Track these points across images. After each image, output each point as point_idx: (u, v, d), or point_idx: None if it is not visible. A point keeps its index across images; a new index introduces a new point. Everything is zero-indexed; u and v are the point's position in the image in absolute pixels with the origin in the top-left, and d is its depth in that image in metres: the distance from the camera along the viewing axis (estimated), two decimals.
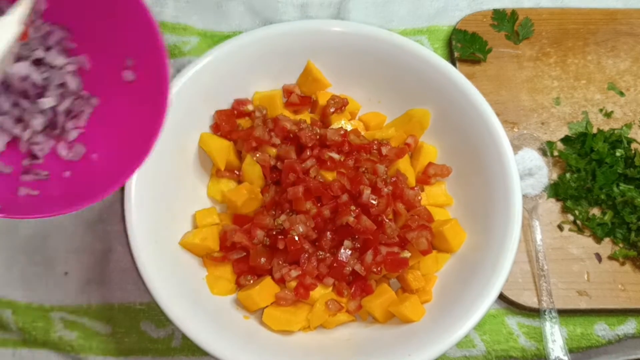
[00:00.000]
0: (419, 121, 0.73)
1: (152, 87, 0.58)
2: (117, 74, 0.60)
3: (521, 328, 0.71)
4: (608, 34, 0.86)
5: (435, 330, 0.60)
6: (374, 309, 0.64)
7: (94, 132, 0.61)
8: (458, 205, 0.71)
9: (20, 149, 0.58)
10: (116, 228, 0.74)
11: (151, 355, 0.69)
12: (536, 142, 0.78)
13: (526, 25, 0.85)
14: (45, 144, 0.59)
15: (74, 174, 0.60)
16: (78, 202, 0.54)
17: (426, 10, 0.89)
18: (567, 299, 0.71)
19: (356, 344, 0.63)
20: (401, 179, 0.68)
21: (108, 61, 0.60)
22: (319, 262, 0.64)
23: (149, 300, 0.70)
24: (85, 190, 0.57)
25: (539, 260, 0.71)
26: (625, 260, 0.73)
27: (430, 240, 0.65)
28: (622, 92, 0.83)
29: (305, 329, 0.65)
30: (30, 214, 0.54)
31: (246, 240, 0.65)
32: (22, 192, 0.57)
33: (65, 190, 0.58)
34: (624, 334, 0.71)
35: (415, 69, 0.72)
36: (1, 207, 0.52)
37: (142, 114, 0.58)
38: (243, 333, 0.62)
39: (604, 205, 0.76)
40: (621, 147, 0.77)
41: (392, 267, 0.64)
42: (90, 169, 0.60)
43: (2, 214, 0.52)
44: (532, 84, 0.83)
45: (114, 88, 0.60)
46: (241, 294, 0.65)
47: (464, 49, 0.83)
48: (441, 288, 0.66)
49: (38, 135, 0.59)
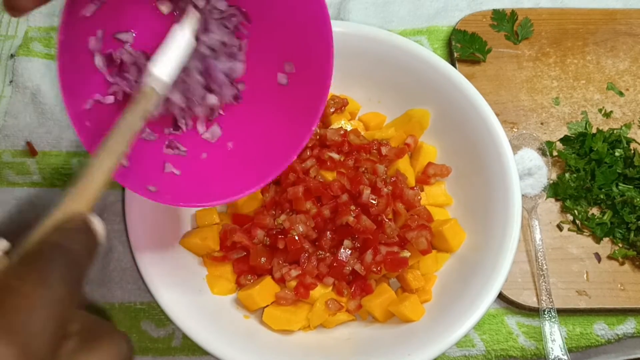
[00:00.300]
0: (419, 121, 0.73)
1: (309, 92, 0.57)
2: (275, 69, 0.60)
3: (520, 327, 0.71)
4: (607, 34, 0.87)
5: (435, 329, 0.60)
6: (373, 308, 0.64)
7: (232, 120, 0.61)
8: (458, 205, 0.71)
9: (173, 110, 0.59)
10: (116, 227, 0.74)
11: (152, 355, 0.69)
12: (535, 142, 0.78)
13: (526, 26, 0.85)
14: (188, 118, 0.60)
15: (209, 158, 0.60)
16: (210, 198, 0.55)
17: (426, 10, 0.89)
18: (567, 298, 0.71)
19: (356, 343, 0.63)
20: (401, 179, 0.68)
21: (271, 49, 0.59)
22: (319, 262, 0.64)
23: (149, 299, 0.71)
24: (219, 184, 0.57)
25: (538, 260, 0.71)
26: (625, 260, 0.73)
27: (429, 240, 0.65)
28: (622, 92, 0.83)
29: (305, 329, 0.65)
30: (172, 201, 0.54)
31: (246, 240, 0.65)
32: (168, 168, 0.57)
33: (199, 178, 0.58)
34: (624, 334, 0.71)
35: (415, 69, 0.72)
36: (157, 189, 0.54)
37: (293, 117, 0.58)
38: (243, 332, 0.62)
39: (603, 205, 0.76)
40: (620, 147, 0.77)
41: (391, 266, 0.64)
42: (224, 157, 0.60)
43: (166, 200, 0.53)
44: (532, 84, 0.83)
45: (267, 82, 0.60)
46: (241, 293, 0.65)
47: (464, 49, 0.83)
48: (441, 288, 0.66)
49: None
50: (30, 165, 0.77)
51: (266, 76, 0.60)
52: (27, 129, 0.79)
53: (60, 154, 0.78)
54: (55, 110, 0.80)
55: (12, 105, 0.80)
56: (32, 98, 0.80)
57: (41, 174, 0.77)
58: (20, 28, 0.86)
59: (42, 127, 0.79)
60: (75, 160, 0.77)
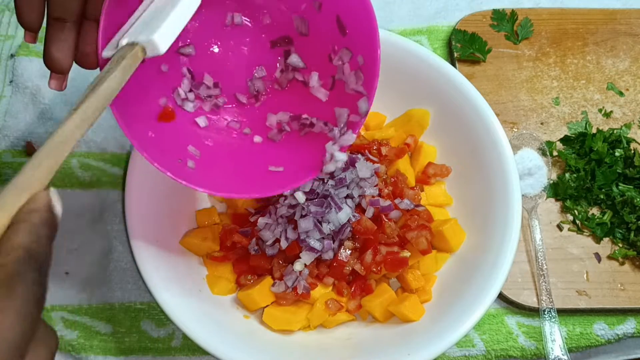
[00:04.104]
0: (419, 121, 0.73)
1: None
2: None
3: (520, 327, 0.71)
4: (607, 34, 0.87)
5: (435, 329, 0.60)
6: (373, 308, 0.64)
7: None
8: (457, 205, 0.71)
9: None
10: (117, 228, 0.74)
11: (152, 355, 0.69)
12: (535, 142, 0.78)
13: (526, 26, 0.85)
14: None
15: (233, 147, 0.62)
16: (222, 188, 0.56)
17: (426, 10, 0.89)
18: (567, 298, 0.71)
19: (356, 343, 0.63)
20: (401, 179, 0.68)
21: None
22: (319, 262, 0.64)
23: (150, 299, 0.71)
24: (232, 177, 0.59)
25: (538, 260, 0.71)
26: (625, 260, 0.73)
27: (429, 240, 0.65)
28: (622, 92, 0.83)
29: (305, 329, 0.65)
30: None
31: (246, 240, 0.65)
32: (190, 150, 0.58)
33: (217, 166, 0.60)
34: (624, 334, 0.71)
35: (415, 69, 0.72)
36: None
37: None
38: (243, 332, 0.62)
39: (603, 205, 0.76)
40: (620, 146, 0.77)
41: (391, 266, 0.64)
42: (249, 150, 0.62)
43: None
44: (532, 84, 0.83)
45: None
46: (241, 293, 0.65)
47: (464, 49, 0.83)
48: (441, 288, 0.66)
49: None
50: None
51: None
52: (27, 129, 0.79)
53: None
54: (55, 110, 0.80)
55: (12, 105, 0.80)
56: (32, 98, 0.80)
57: None
58: (20, 28, 0.86)
59: (42, 127, 0.79)
60: (75, 160, 0.77)
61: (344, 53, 0.59)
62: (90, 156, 0.78)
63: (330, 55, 0.60)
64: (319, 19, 0.59)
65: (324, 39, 0.60)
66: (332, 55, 0.60)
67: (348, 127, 0.58)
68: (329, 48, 0.60)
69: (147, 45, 0.46)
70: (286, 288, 0.63)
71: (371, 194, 0.65)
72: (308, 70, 0.62)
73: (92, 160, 0.78)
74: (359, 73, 0.58)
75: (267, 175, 0.59)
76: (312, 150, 0.60)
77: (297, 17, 0.59)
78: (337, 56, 0.59)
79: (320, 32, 0.60)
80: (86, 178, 0.76)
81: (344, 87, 0.60)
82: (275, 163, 0.60)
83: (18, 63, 0.82)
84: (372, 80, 0.57)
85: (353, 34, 0.58)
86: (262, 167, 0.60)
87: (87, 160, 0.78)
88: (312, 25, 0.60)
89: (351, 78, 0.59)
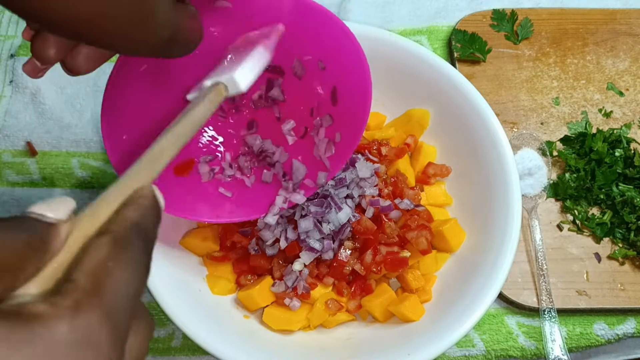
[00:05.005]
0: (419, 121, 0.73)
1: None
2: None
3: (520, 327, 0.71)
4: (607, 34, 0.87)
5: (435, 329, 0.60)
6: (373, 308, 0.64)
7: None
8: (458, 205, 0.71)
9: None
10: None
11: (151, 355, 0.69)
12: (535, 142, 0.78)
13: (526, 26, 0.85)
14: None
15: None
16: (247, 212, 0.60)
17: (426, 10, 0.89)
18: (567, 298, 0.71)
19: (356, 343, 0.63)
20: (401, 179, 0.68)
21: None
22: (318, 262, 0.64)
23: (149, 299, 0.71)
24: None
25: (538, 260, 0.71)
26: (625, 260, 0.73)
27: (429, 240, 0.65)
28: (622, 92, 0.83)
29: (305, 329, 0.65)
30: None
31: (246, 240, 0.65)
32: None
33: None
34: (624, 334, 0.71)
35: (415, 69, 0.72)
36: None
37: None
38: (243, 332, 0.62)
39: (603, 205, 0.76)
40: (620, 146, 0.77)
41: (391, 266, 0.64)
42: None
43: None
44: (532, 84, 0.83)
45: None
46: (241, 293, 0.65)
47: (464, 49, 0.83)
48: (441, 288, 0.66)
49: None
50: (30, 165, 0.77)
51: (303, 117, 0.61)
52: (27, 129, 0.79)
53: (60, 154, 0.78)
54: (55, 110, 0.80)
55: (12, 105, 0.80)
56: (32, 98, 0.80)
57: (41, 174, 0.77)
58: (20, 28, 0.86)
59: (42, 127, 0.79)
60: (75, 160, 0.77)
61: (326, 119, 0.58)
62: (90, 156, 0.78)
63: (313, 110, 0.59)
64: (317, 76, 0.58)
65: (313, 94, 0.59)
66: (314, 111, 0.59)
67: (300, 188, 0.59)
68: (314, 103, 0.59)
69: (229, 83, 0.48)
70: (286, 288, 0.63)
71: (371, 194, 0.65)
72: (286, 109, 0.61)
73: (92, 160, 0.78)
74: (331, 144, 0.58)
75: (218, 199, 0.61)
76: (266, 191, 0.61)
77: (298, 61, 0.59)
78: (319, 117, 0.59)
79: (313, 86, 0.59)
80: (86, 178, 0.76)
81: (313, 147, 0.60)
82: (227, 187, 0.61)
83: (18, 63, 0.82)
84: (341, 160, 0.58)
85: (342, 111, 0.57)
86: (214, 188, 0.61)
87: (87, 160, 0.78)
88: (308, 76, 0.58)
89: (322, 145, 0.58)
